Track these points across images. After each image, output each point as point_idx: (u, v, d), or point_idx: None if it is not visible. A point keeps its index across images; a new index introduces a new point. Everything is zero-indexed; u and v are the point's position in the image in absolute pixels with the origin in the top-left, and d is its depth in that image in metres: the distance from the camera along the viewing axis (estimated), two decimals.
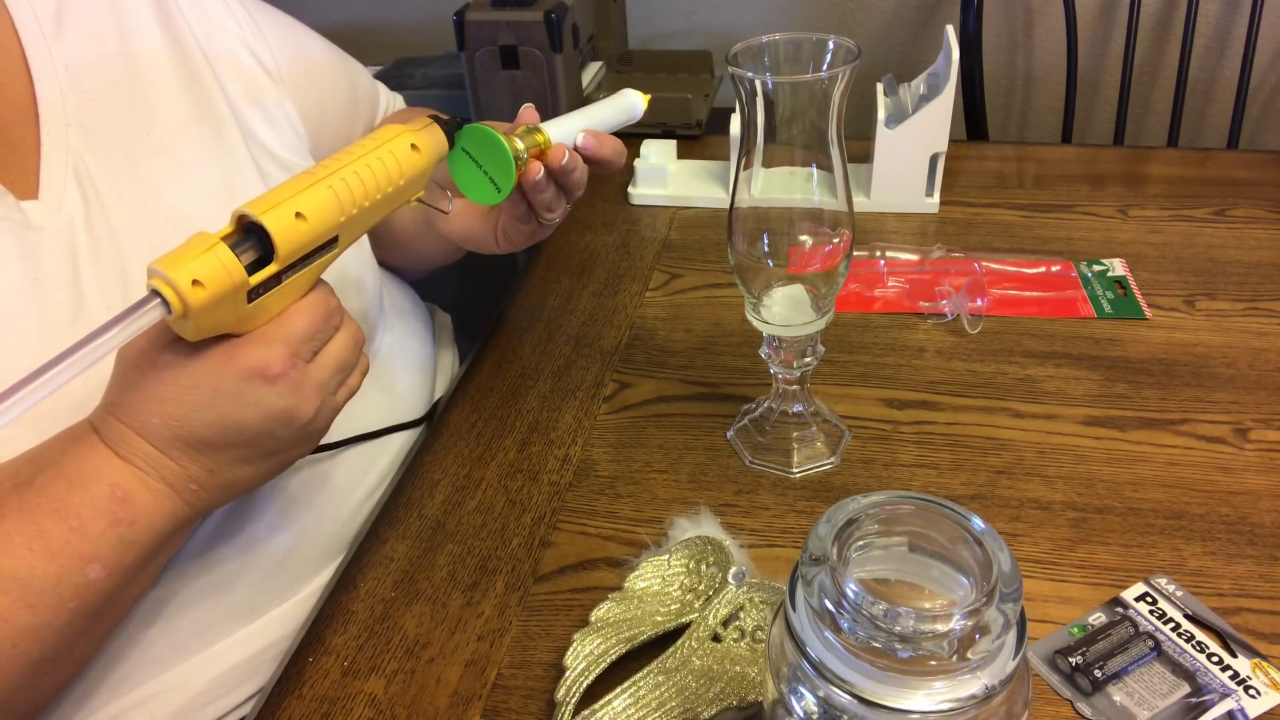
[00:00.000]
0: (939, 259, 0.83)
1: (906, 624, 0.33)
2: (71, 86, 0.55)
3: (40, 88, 0.54)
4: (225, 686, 0.56)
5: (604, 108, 0.64)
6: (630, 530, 0.60)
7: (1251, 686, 0.49)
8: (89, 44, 0.57)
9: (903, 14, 1.43)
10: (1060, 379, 0.70)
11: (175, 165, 0.58)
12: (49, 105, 0.54)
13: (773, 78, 0.51)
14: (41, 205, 0.52)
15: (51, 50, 0.55)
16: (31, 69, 0.54)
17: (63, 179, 0.53)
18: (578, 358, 0.76)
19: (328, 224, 0.46)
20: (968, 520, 0.36)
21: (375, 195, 0.48)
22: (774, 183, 0.55)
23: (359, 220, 0.48)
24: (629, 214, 0.95)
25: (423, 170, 0.52)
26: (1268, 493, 0.60)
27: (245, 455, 0.47)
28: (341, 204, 0.46)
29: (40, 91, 0.54)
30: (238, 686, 0.57)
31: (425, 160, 0.51)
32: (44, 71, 0.54)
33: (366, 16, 1.60)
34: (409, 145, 0.50)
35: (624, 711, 0.47)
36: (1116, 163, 0.99)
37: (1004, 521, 0.59)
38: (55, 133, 0.53)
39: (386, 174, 0.49)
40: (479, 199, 0.57)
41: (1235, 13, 1.31)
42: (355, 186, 0.47)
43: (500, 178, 0.56)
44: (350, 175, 0.47)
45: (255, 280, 0.43)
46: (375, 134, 0.50)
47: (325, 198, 0.46)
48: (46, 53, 0.55)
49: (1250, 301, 0.76)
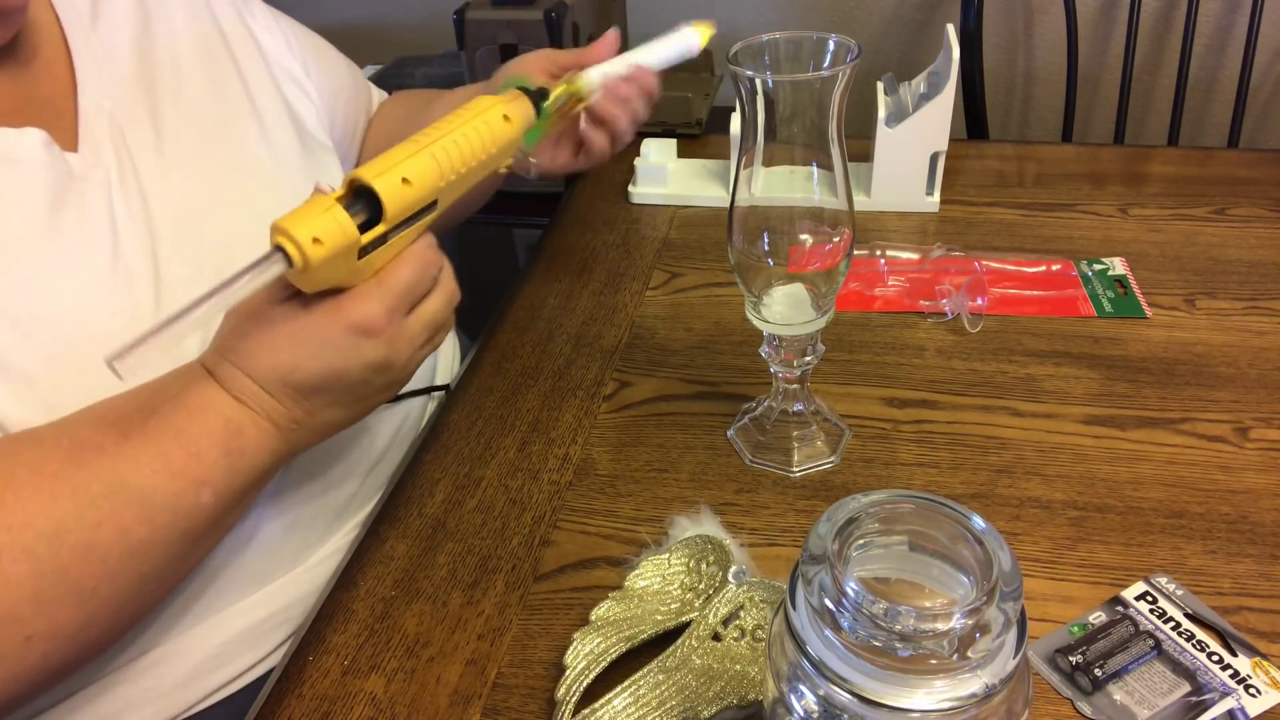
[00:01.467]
0: (939, 258, 0.83)
1: (907, 623, 0.33)
2: (108, 66, 0.59)
3: (79, 63, 0.58)
4: (231, 653, 0.58)
5: (663, 46, 0.67)
6: (630, 529, 0.60)
7: (1252, 685, 0.49)
8: (120, 31, 0.61)
9: (903, 13, 1.43)
10: (1060, 378, 0.70)
11: (196, 143, 0.62)
12: (86, 82, 0.58)
13: (773, 76, 0.51)
14: (79, 157, 0.55)
15: (88, 35, 0.59)
16: (71, 49, 0.58)
17: (99, 139, 0.57)
18: (578, 357, 0.76)
19: (430, 188, 0.50)
20: (968, 519, 0.36)
21: (471, 162, 0.52)
22: (774, 182, 0.55)
23: (456, 185, 0.52)
24: (629, 213, 0.95)
25: (513, 139, 0.56)
26: (1268, 491, 0.60)
27: (341, 399, 0.51)
28: (442, 170, 0.50)
29: (78, 66, 0.58)
30: (243, 653, 0.59)
31: (515, 130, 0.55)
32: (81, 51, 0.58)
33: (367, 15, 1.60)
34: (502, 116, 0.54)
35: (624, 710, 0.47)
36: (1117, 161, 0.99)
37: (1004, 520, 0.59)
38: (93, 104, 0.57)
39: (481, 142, 0.53)
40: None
41: (1236, 11, 1.32)
42: (454, 154, 0.51)
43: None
44: (450, 144, 0.51)
45: (366, 239, 0.47)
46: (470, 105, 0.54)
47: (428, 164, 0.50)
48: (84, 37, 0.59)
49: (1251, 300, 0.76)
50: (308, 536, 0.62)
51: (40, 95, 0.56)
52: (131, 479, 0.46)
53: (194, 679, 0.57)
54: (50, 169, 0.53)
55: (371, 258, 0.49)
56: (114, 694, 0.54)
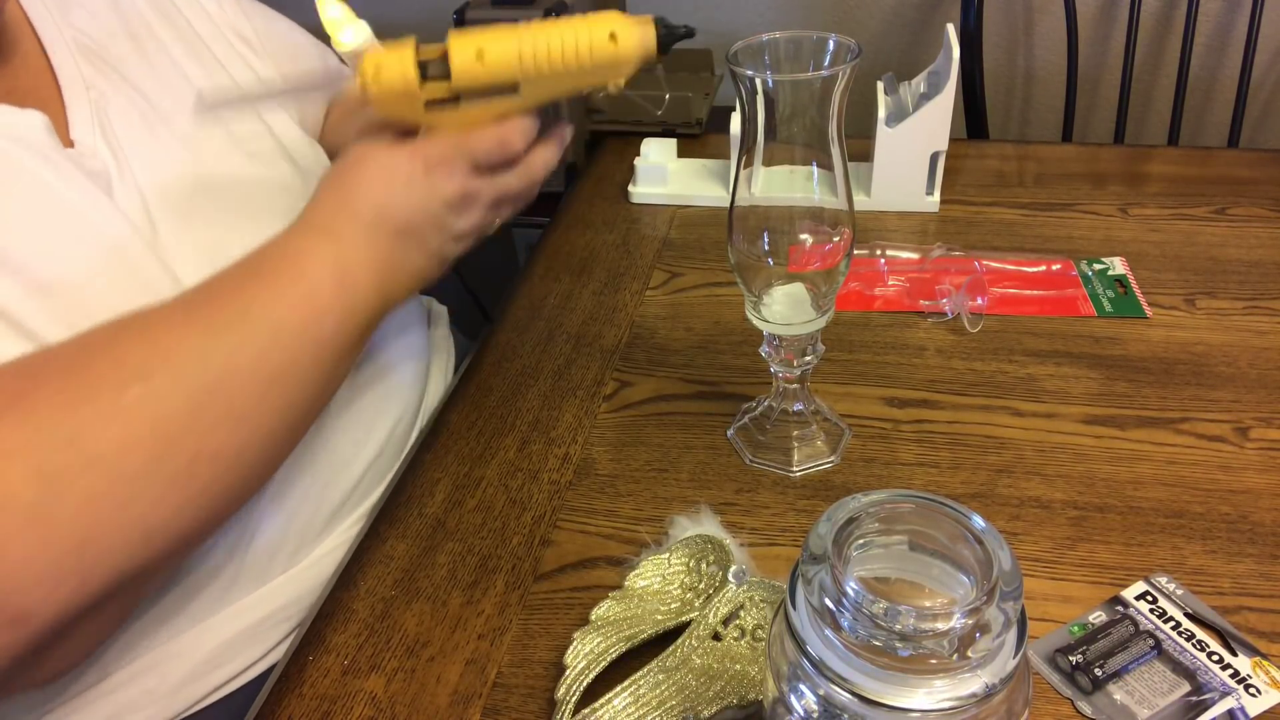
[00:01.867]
0: (939, 258, 0.83)
1: (907, 622, 0.33)
2: (83, 56, 0.59)
3: (55, 57, 0.58)
4: (231, 652, 0.58)
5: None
6: (630, 529, 0.60)
7: (1252, 685, 0.49)
8: (93, 20, 0.61)
9: (903, 12, 1.43)
10: (1060, 378, 0.70)
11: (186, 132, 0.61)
12: (66, 72, 0.57)
13: (773, 76, 0.51)
14: (77, 153, 0.55)
15: (59, 25, 0.59)
16: (43, 42, 0.58)
17: (92, 133, 0.56)
18: (578, 356, 0.76)
19: (504, 70, 0.53)
20: (968, 519, 0.36)
21: (557, 64, 0.53)
22: (774, 181, 0.55)
23: (541, 82, 0.54)
24: (629, 212, 0.95)
25: (616, 60, 0.54)
26: (1268, 491, 0.60)
27: (420, 243, 0.56)
28: (522, 59, 0.53)
29: (56, 60, 0.58)
30: (243, 651, 0.59)
31: (622, 51, 0.54)
32: (55, 44, 0.58)
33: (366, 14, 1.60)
34: (608, 33, 0.53)
35: (624, 710, 0.47)
36: (1117, 161, 0.99)
37: (1004, 520, 0.59)
38: (78, 95, 0.57)
39: (575, 50, 0.53)
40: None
41: (1236, 11, 1.32)
42: (540, 49, 0.53)
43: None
44: (539, 37, 0.53)
45: (427, 93, 0.53)
46: (591, 15, 0.54)
47: (507, 47, 0.53)
48: (54, 28, 0.58)
49: (1251, 300, 0.76)
50: (306, 533, 0.62)
51: (20, 88, 0.55)
52: (256, 311, 0.49)
53: (195, 678, 0.57)
54: (56, 153, 0.53)
55: (446, 116, 0.54)
56: (115, 696, 0.54)
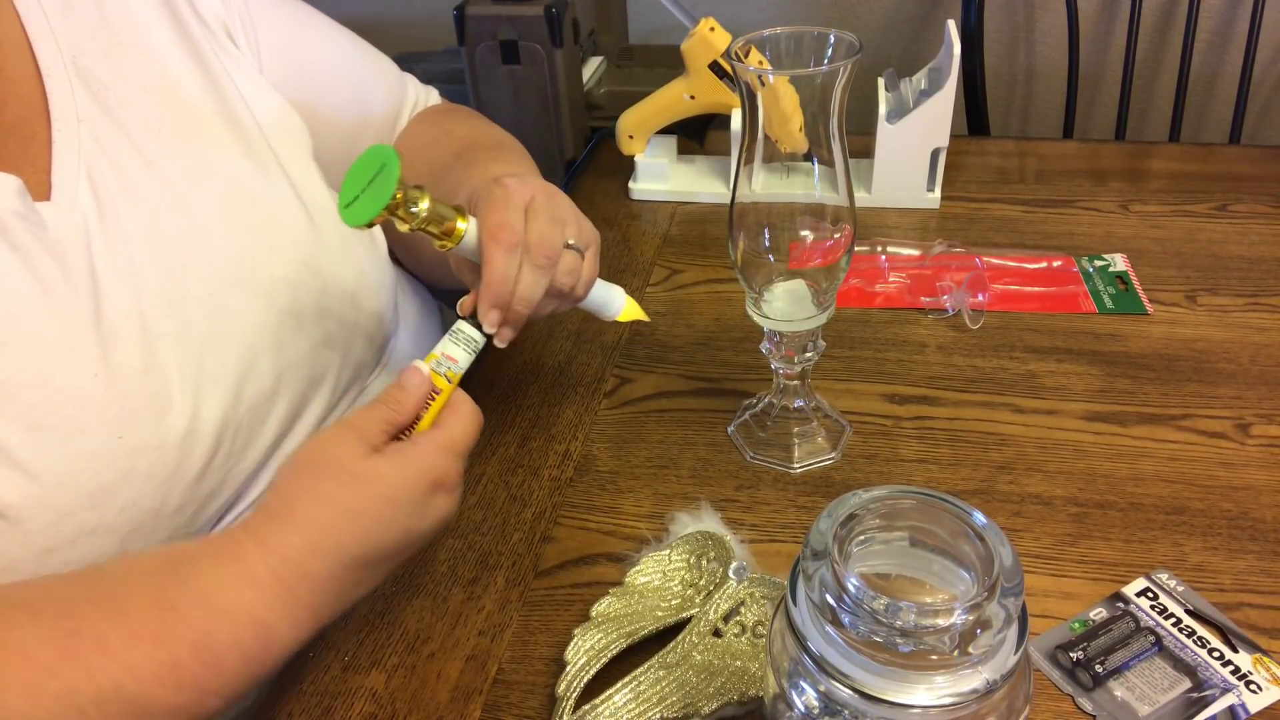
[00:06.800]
0: (940, 254, 0.83)
1: (908, 619, 0.33)
2: (80, 81, 0.54)
3: (50, 83, 0.53)
4: None
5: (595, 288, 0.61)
6: (631, 525, 0.60)
7: (1253, 681, 0.49)
8: (95, 38, 0.56)
9: (904, 9, 1.43)
10: (1061, 374, 0.70)
11: (190, 166, 0.57)
12: (59, 101, 0.53)
13: (774, 72, 0.51)
14: (54, 207, 0.51)
15: (59, 44, 0.54)
16: (40, 63, 0.53)
17: (75, 180, 0.52)
18: (578, 353, 0.76)
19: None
20: (969, 515, 0.36)
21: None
22: (775, 178, 0.55)
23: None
24: (630, 209, 0.95)
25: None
26: (1269, 488, 0.59)
27: (395, 563, 0.48)
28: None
29: (50, 87, 0.53)
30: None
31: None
32: (52, 66, 0.53)
33: (367, 12, 1.60)
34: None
35: (624, 706, 0.47)
36: (1118, 158, 0.99)
37: (1005, 516, 0.59)
38: (67, 129, 0.53)
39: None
40: (346, 216, 0.51)
41: (1237, 8, 1.31)
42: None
43: (367, 204, 0.50)
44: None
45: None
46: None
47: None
48: (54, 46, 0.54)
49: (1252, 297, 0.76)
50: None
51: (6, 122, 0.52)
52: (130, 688, 0.40)
53: None
54: (26, 222, 0.49)
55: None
56: None
